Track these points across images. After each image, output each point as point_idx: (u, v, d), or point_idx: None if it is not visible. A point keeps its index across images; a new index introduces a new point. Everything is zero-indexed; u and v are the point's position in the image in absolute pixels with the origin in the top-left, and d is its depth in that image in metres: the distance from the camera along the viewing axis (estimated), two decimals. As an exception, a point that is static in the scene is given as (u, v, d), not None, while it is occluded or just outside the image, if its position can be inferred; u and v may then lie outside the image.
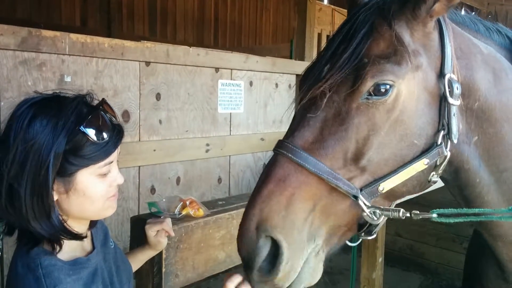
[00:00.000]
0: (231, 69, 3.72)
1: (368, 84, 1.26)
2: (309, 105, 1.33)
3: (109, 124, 1.30)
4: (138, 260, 1.67)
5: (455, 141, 1.37)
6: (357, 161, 1.28)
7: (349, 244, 1.54)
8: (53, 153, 1.18)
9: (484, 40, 1.59)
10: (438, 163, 1.38)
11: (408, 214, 1.32)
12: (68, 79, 2.60)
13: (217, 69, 3.59)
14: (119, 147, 1.34)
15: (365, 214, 1.29)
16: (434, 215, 1.31)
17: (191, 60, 3.33)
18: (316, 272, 1.31)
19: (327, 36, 5.48)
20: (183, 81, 3.32)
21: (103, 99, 1.36)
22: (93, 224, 1.43)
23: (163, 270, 1.64)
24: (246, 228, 1.23)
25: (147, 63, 3.04)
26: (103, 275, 1.39)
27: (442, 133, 1.35)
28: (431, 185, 1.46)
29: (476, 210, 1.37)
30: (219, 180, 3.76)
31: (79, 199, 1.26)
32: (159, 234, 1.60)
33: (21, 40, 2.35)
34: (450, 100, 1.34)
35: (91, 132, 1.24)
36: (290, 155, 1.26)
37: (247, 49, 8.55)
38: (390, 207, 1.33)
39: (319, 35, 5.55)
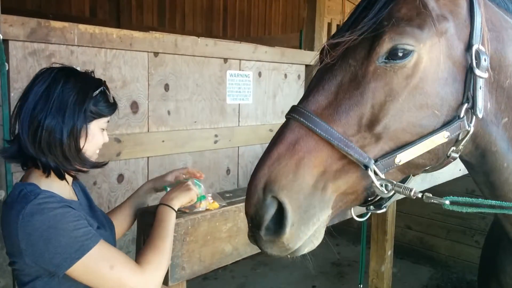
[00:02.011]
0: (240, 60, 3.70)
1: (386, 46, 1.23)
2: (326, 70, 1.31)
3: (111, 93, 1.70)
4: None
5: (480, 115, 1.32)
6: (372, 128, 1.24)
7: (358, 219, 1.52)
8: (86, 103, 1.54)
9: None
10: (460, 138, 1.34)
11: (419, 195, 1.29)
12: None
13: (225, 60, 3.57)
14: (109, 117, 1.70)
15: (375, 185, 1.25)
16: (447, 202, 1.28)
17: (200, 50, 3.31)
18: (318, 237, 1.29)
19: (337, 25, 5.42)
20: (192, 71, 3.31)
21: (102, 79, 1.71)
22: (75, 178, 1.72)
23: (169, 262, 1.64)
24: (254, 188, 1.23)
25: (156, 54, 3.03)
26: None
27: (465, 106, 1.30)
28: (450, 161, 1.41)
29: (493, 202, 1.32)
30: (228, 171, 3.76)
31: (87, 143, 1.59)
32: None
33: (30, 31, 2.35)
34: (477, 71, 1.29)
35: (107, 92, 1.64)
36: (302, 119, 1.24)
37: (256, 39, 8.49)
38: (403, 184, 1.28)
39: (329, 25, 5.50)
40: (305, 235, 1.24)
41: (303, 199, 1.21)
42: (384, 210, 1.48)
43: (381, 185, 1.26)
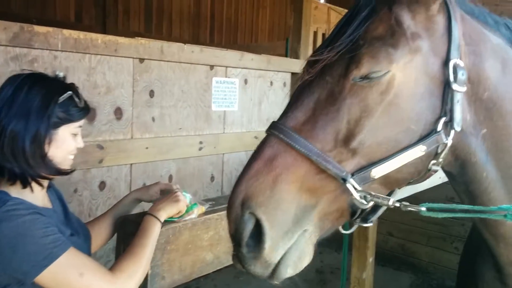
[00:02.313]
0: (226, 67, 3.72)
1: (362, 71, 1.26)
2: (305, 86, 1.34)
3: (82, 97, 1.67)
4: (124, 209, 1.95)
5: (458, 129, 1.34)
6: (349, 144, 1.26)
7: (343, 232, 1.53)
8: (50, 109, 1.51)
9: (492, 32, 1.55)
10: (439, 151, 1.35)
11: (397, 204, 1.30)
12: (60, 75, 2.58)
13: (211, 67, 3.58)
14: (83, 120, 1.68)
15: (353, 197, 1.27)
16: (423, 209, 1.30)
17: (186, 57, 3.31)
18: (304, 255, 1.29)
19: (323, 34, 5.48)
20: (177, 78, 3.31)
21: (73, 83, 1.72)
22: (48, 185, 1.68)
23: (149, 272, 1.63)
24: (232, 204, 1.25)
25: (141, 60, 3.03)
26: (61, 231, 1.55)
27: (443, 119, 1.32)
28: (432, 174, 1.42)
29: (466, 207, 1.35)
30: (212, 178, 3.75)
31: (55, 149, 1.56)
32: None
33: (13, 35, 2.33)
34: (454, 86, 1.31)
35: (75, 97, 1.61)
36: (281, 135, 1.26)
37: (243, 46, 8.52)
38: (380, 194, 1.29)
39: (315, 33, 5.54)
40: (283, 249, 1.25)
41: (280, 215, 1.22)
42: (370, 224, 1.48)
43: (361, 197, 1.28)
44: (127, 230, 1.73)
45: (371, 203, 1.30)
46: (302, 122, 1.28)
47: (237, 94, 3.84)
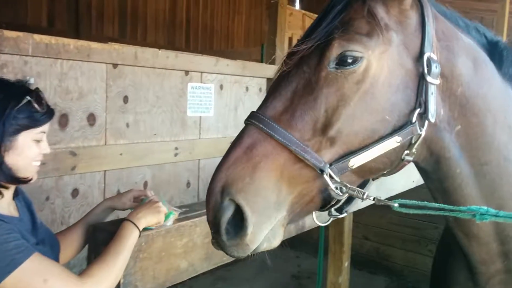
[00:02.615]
0: (201, 72, 3.70)
1: (335, 51, 1.29)
2: (283, 77, 1.37)
3: (45, 101, 1.61)
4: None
5: (432, 120, 1.38)
6: (326, 132, 1.29)
7: (319, 224, 1.55)
8: (5, 115, 1.47)
9: (463, 34, 1.61)
10: (413, 142, 1.39)
11: (371, 198, 1.34)
12: (31, 80, 2.52)
13: (187, 72, 3.56)
14: (48, 125, 1.63)
15: (330, 188, 1.30)
16: (396, 204, 1.34)
17: (160, 62, 3.29)
18: (276, 236, 1.32)
19: (298, 40, 5.53)
20: (152, 83, 3.28)
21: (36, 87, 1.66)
22: (16, 193, 1.65)
23: (121, 281, 1.59)
24: (212, 191, 1.27)
25: (115, 65, 2.99)
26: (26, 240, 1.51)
27: (417, 111, 1.36)
28: (405, 164, 1.46)
29: (436, 205, 1.39)
30: (188, 184, 3.73)
31: (16, 156, 1.52)
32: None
33: (-19, 40, 2.27)
34: (428, 78, 1.36)
35: (34, 102, 1.55)
36: (260, 124, 1.28)
37: (218, 52, 8.52)
38: (356, 187, 1.33)
39: (290, 39, 5.60)
40: (264, 234, 1.27)
41: (260, 201, 1.25)
42: (345, 214, 1.53)
43: (336, 188, 1.31)
44: (98, 239, 1.69)
45: (347, 195, 1.34)
46: (281, 112, 1.31)
47: (212, 99, 3.83)
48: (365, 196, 1.33)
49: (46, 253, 1.58)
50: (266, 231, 1.27)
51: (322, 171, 1.28)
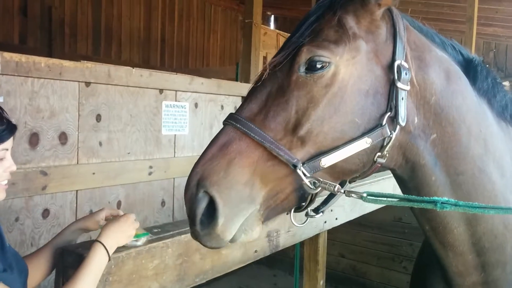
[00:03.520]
0: (176, 91, 3.69)
1: (304, 56, 1.38)
2: (259, 83, 1.46)
3: (5, 116, 1.55)
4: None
5: (403, 123, 1.45)
6: (297, 132, 1.37)
7: (296, 225, 1.60)
8: None
9: (438, 49, 1.68)
10: (384, 144, 1.45)
11: (342, 191, 1.42)
12: (0, 99, 2.47)
13: (161, 91, 3.55)
14: (12, 142, 1.58)
15: (304, 183, 1.36)
16: (364, 194, 1.40)
17: (134, 81, 3.27)
18: (254, 228, 1.38)
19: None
20: (125, 102, 3.25)
21: None
22: None
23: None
24: (188, 185, 1.35)
25: (87, 84, 2.95)
26: None
27: (388, 114, 1.44)
28: (378, 166, 1.52)
29: (403, 196, 1.46)
30: (163, 203, 3.68)
31: None
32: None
33: (-52, 57, 2.21)
34: (398, 84, 1.43)
35: None
36: (237, 124, 1.36)
37: (194, 70, 8.54)
38: (328, 181, 1.40)
39: (264, 58, 5.66)
40: (236, 226, 1.34)
41: (232, 194, 1.32)
42: (321, 214, 1.62)
43: (310, 182, 1.37)
44: (66, 262, 1.64)
45: (319, 189, 1.40)
46: (256, 113, 1.40)
47: (187, 118, 3.82)
48: (336, 189, 1.40)
49: (13, 280, 1.52)
50: (237, 223, 1.34)
51: (295, 166, 1.35)
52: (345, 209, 3.08)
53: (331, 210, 2.90)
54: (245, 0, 5.18)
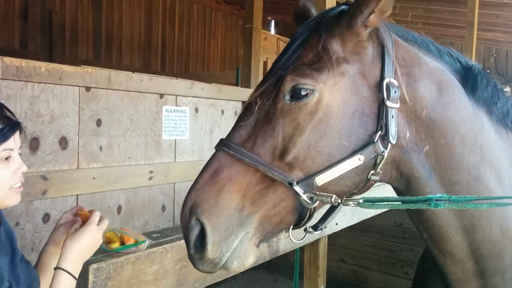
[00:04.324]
0: (176, 95, 3.69)
1: (288, 85, 1.40)
2: (247, 110, 1.48)
3: (6, 115, 1.49)
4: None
5: (393, 141, 1.45)
6: (285, 158, 1.39)
7: (294, 241, 1.60)
8: None
9: (434, 59, 1.67)
10: (377, 162, 1.46)
11: (339, 201, 1.43)
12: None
13: (161, 95, 3.55)
14: (20, 140, 1.52)
15: (301, 198, 1.38)
16: (361, 201, 1.41)
17: (134, 85, 3.27)
18: (247, 254, 1.41)
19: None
20: (126, 107, 3.25)
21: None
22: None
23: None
24: (183, 211, 1.42)
25: (88, 88, 2.96)
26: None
27: (379, 133, 1.44)
28: (372, 184, 1.53)
29: (398, 198, 1.47)
30: (163, 208, 3.67)
31: None
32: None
33: (-51, 62, 2.22)
34: (388, 103, 1.44)
35: None
36: (229, 150, 1.40)
37: (194, 75, 8.55)
38: (324, 193, 1.41)
39: (265, 63, 5.67)
40: (227, 251, 1.38)
41: (222, 220, 1.37)
42: (320, 231, 1.64)
43: (308, 197, 1.39)
44: None
45: (317, 203, 1.41)
46: (245, 139, 1.43)
47: (188, 122, 3.82)
48: (333, 200, 1.41)
49: None
50: (227, 247, 1.38)
51: (291, 184, 1.37)
52: (345, 214, 3.08)
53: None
54: (245, 5, 5.19)
